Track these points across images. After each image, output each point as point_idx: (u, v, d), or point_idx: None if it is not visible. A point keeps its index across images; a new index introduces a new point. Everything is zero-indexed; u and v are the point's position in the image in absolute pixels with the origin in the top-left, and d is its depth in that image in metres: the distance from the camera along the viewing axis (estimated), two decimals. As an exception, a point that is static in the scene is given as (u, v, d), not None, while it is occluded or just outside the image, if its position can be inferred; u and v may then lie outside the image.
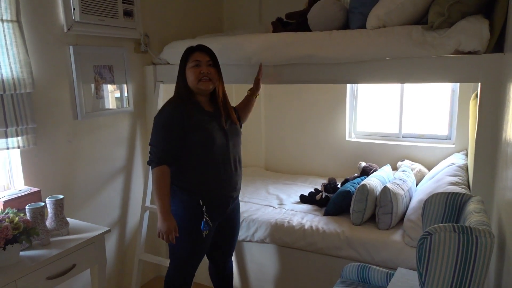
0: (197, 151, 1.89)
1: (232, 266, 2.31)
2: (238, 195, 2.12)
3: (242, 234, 2.56)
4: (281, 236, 2.45)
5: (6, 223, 1.55)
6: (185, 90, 1.94)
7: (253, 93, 2.31)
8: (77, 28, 2.21)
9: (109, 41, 2.48)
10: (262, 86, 3.58)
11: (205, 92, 1.95)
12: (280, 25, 2.69)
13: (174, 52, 2.62)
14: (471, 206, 1.49)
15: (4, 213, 1.65)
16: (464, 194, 1.60)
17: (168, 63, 2.70)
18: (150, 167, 1.93)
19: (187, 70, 1.93)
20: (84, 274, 2.33)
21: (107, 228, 1.94)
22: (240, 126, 2.17)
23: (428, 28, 1.87)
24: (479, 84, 1.81)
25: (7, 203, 1.80)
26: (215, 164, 1.92)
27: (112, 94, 2.53)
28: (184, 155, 1.90)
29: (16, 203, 1.83)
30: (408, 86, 3.18)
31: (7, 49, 1.85)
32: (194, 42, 2.58)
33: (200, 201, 1.92)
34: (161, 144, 1.87)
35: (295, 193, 3.00)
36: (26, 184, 2.05)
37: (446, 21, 1.83)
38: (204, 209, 1.92)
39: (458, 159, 2.69)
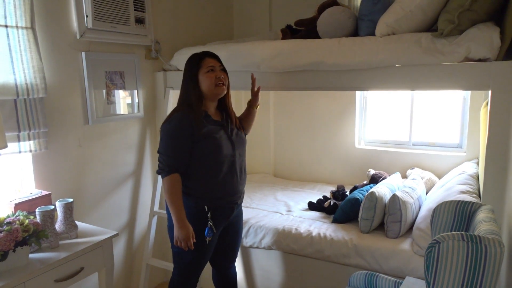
0: (204, 159, 1.90)
1: (235, 272, 2.30)
2: (242, 202, 2.14)
3: (249, 240, 2.56)
4: (289, 243, 2.43)
5: (16, 225, 1.57)
6: (196, 97, 1.91)
7: (252, 104, 2.23)
8: (89, 34, 2.25)
9: (121, 47, 2.52)
10: (272, 93, 3.62)
11: (218, 97, 1.97)
12: (289, 32, 2.70)
13: (184, 59, 2.60)
14: (481, 215, 1.47)
15: (14, 216, 1.68)
16: (474, 202, 1.58)
17: (178, 70, 2.73)
18: (160, 176, 1.91)
19: (201, 75, 1.91)
20: (92, 277, 2.35)
21: (115, 232, 1.96)
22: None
23: (438, 36, 1.87)
24: (490, 91, 1.80)
25: (18, 206, 1.83)
26: (221, 172, 1.93)
27: (123, 99, 2.56)
28: (192, 163, 1.90)
29: (27, 206, 1.86)
30: (418, 94, 3.16)
31: (21, 54, 1.89)
32: (204, 49, 2.61)
33: (206, 207, 1.93)
34: (172, 153, 1.87)
35: (303, 200, 2.99)
36: (37, 187, 2.08)
37: (456, 28, 1.82)
38: (209, 215, 1.93)
39: (469, 168, 2.65)
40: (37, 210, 1.77)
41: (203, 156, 1.89)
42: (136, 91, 2.64)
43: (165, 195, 1.88)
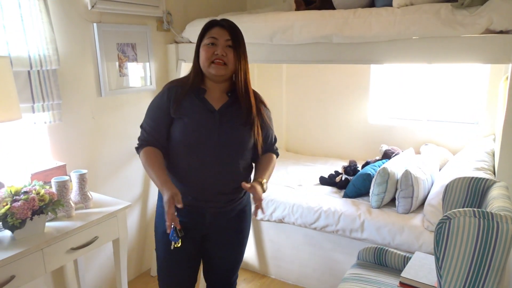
0: (174, 144, 1.59)
1: None
2: (223, 211, 1.64)
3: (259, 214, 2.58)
4: (299, 216, 2.45)
5: (33, 195, 1.62)
6: (194, 73, 1.62)
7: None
8: (101, 5, 2.23)
9: (133, 19, 2.49)
10: (285, 66, 3.56)
11: (217, 78, 1.58)
12: (303, 3, 2.62)
13: (196, 31, 2.57)
14: (495, 191, 1.44)
15: (31, 185, 1.72)
16: (487, 179, 1.56)
17: (190, 42, 2.70)
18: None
19: (201, 47, 1.58)
20: (107, 246, 2.42)
21: (129, 203, 2.00)
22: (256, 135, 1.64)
23: (458, 6, 1.79)
24: (510, 65, 1.73)
25: (34, 176, 1.87)
26: (187, 164, 1.58)
27: (135, 72, 2.56)
28: (169, 144, 1.62)
29: (43, 176, 1.90)
30: (435, 68, 3.07)
31: (33, 25, 1.89)
32: (216, 20, 2.56)
33: None
34: (148, 126, 1.63)
35: (315, 174, 2.99)
36: (52, 158, 2.12)
37: (478, -2, 1.74)
38: (176, 213, 1.48)
39: (485, 144, 2.60)
40: (52, 180, 1.81)
41: (173, 139, 1.59)
42: (148, 63, 2.62)
43: (146, 170, 1.59)
